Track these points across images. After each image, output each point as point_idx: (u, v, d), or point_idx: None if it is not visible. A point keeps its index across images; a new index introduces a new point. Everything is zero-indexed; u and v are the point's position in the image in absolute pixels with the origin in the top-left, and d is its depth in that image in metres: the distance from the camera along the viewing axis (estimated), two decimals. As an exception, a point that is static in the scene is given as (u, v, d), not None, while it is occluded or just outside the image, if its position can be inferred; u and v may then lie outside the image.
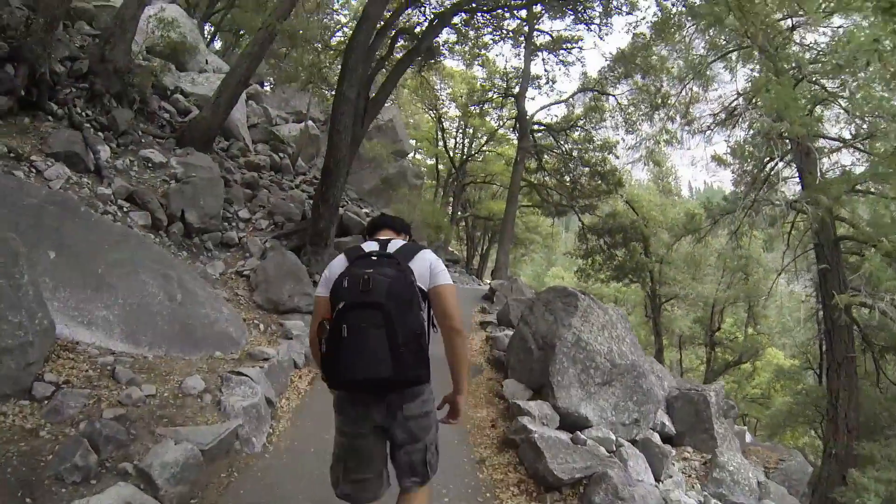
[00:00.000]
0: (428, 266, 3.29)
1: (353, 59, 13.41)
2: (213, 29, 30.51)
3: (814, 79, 16.85)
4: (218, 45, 31.86)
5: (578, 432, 7.18)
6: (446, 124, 39.32)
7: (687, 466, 7.98)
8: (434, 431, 3.43)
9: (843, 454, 14.30)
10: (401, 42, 18.89)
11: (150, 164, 12.00)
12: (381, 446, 3.32)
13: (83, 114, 11.42)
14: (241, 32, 27.35)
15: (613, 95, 26.96)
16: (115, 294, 7.05)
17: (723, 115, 21.71)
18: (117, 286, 7.15)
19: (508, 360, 9.61)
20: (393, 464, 3.38)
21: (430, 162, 44.19)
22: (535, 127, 29.50)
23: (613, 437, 7.32)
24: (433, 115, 38.66)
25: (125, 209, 10.12)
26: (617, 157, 28.53)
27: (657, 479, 7.04)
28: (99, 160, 10.40)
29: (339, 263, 3.34)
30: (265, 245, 12.28)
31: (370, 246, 3.41)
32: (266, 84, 29.58)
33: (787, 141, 17.28)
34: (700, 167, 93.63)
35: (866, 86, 13.88)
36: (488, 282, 44.05)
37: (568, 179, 30.29)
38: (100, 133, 11.44)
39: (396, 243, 3.43)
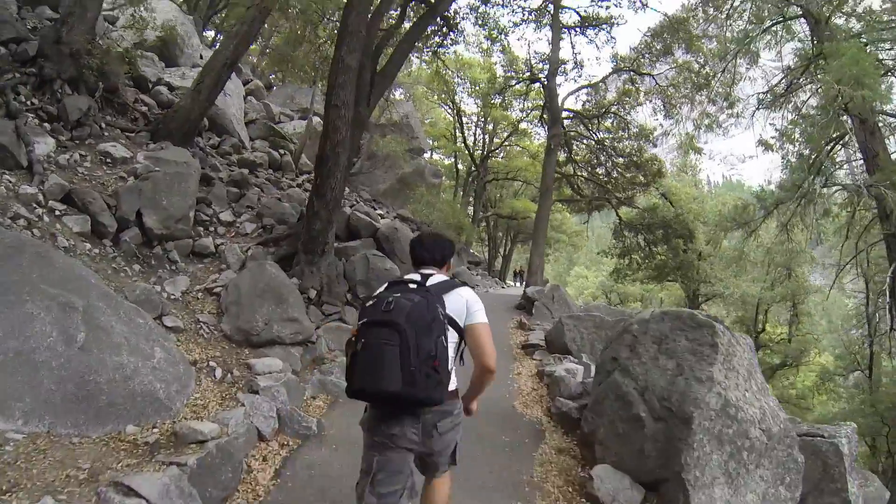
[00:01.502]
0: (465, 303, 3.45)
1: (353, 19, 10.74)
2: (214, 33, 28.78)
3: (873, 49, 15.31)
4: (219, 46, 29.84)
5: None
6: (465, 120, 37.36)
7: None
8: (460, 433, 3.63)
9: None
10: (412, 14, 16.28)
11: (108, 160, 10.06)
12: (410, 459, 3.36)
13: (28, 102, 9.70)
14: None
15: (651, 76, 24.11)
16: (-23, 335, 4.82)
17: (769, 97, 20.12)
18: (-16, 323, 4.93)
19: (595, 430, 6.31)
20: (423, 466, 3.53)
21: (449, 161, 42.31)
22: (564, 114, 26.00)
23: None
24: (451, 110, 36.69)
25: (58, 212, 8.04)
26: (655, 146, 25.89)
27: None
28: (32, 154, 8.50)
29: (380, 288, 3.45)
30: (247, 254, 10.05)
31: (412, 276, 3.57)
32: (273, 87, 27.50)
33: (848, 120, 15.66)
34: (718, 161, 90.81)
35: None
36: (511, 283, 43.48)
37: (601, 171, 27.67)
38: (45, 124, 9.69)
39: (437, 278, 3.58)
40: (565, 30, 24.81)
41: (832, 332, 33.54)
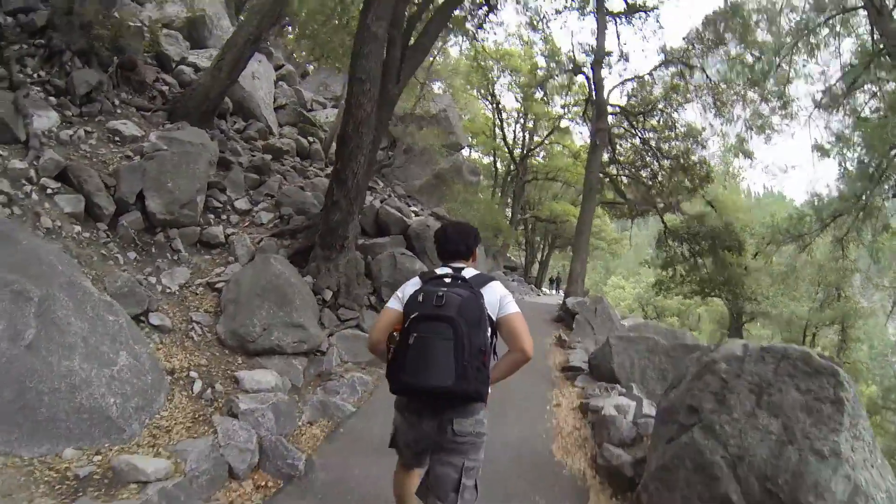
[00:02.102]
0: (498, 297, 3.40)
1: (382, -18, 9.61)
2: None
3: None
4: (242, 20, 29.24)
5: None
6: (504, 116, 36.52)
7: None
8: (478, 457, 3.42)
9: None
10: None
11: (117, 138, 9.32)
12: (427, 450, 3.41)
13: (35, 74, 9.15)
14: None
15: (702, 69, 22.38)
16: None
17: (825, 98, 19.03)
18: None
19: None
20: (428, 479, 3.45)
21: (487, 160, 41.36)
22: (609, 109, 23.98)
23: None
24: (490, 104, 35.74)
25: (50, 190, 7.32)
26: (703, 148, 24.23)
27: None
28: (30, 127, 7.88)
29: (412, 282, 3.51)
30: (259, 246, 9.17)
31: (443, 270, 3.54)
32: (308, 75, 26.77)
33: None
34: (760, 169, 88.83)
35: None
36: (548, 291, 42.53)
37: (645, 174, 25.81)
38: (52, 98, 9.05)
39: (470, 271, 3.54)
40: (610, 17, 23.21)
41: (872, 358, 32.59)
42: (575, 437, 6.69)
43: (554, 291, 42.77)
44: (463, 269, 3.53)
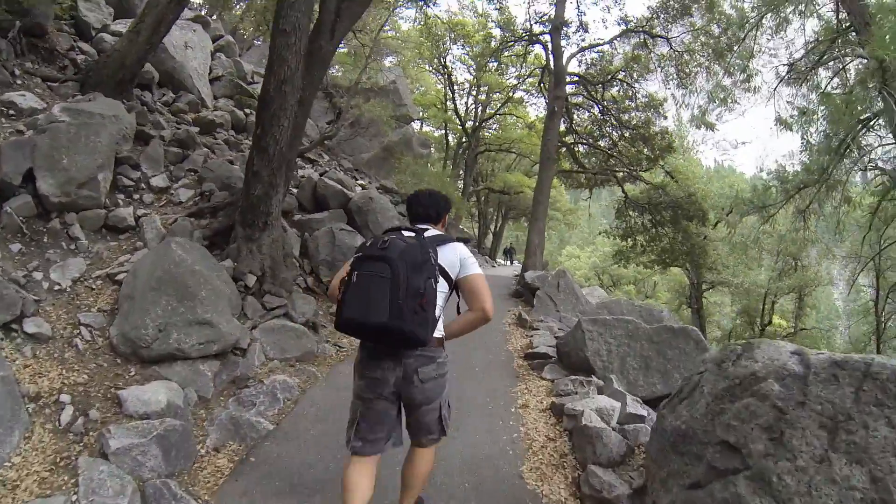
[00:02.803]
0: (458, 256, 3.49)
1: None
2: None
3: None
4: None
5: None
6: (456, 89, 35.48)
7: None
8: (446, 390, 3.59)
9: None
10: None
11: (11, 112, 8.16)
12: (394, 410, 3.47)
13: None
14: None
15: (667, 38, 21.37)
16: None
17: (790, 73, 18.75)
18: None
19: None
20: (408, 425, 3.58)
21: (439, 133, 40.36)
22: (567, 78, 22.78)
23: None
24: (442, 77, 34.72)
25: None
26: (665, 118, 23.40)
27: None
28: None
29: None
30: (170, 227, 8.06)
31: (408, 227, 3.59)
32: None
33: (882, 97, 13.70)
34: (710, 145, 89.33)
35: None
36: (502, 261, 42.11)
37: (604, 144, 24.95)
38: None
39: (433, 232, 3.63)
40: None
41: (818, 322, 33.33)
42: (549, 453, 5.36)
43: (508, 262, 42.89)
44: (427, 230, 3.61)
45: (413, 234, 3.41)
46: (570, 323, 11.38)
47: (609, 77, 22.86)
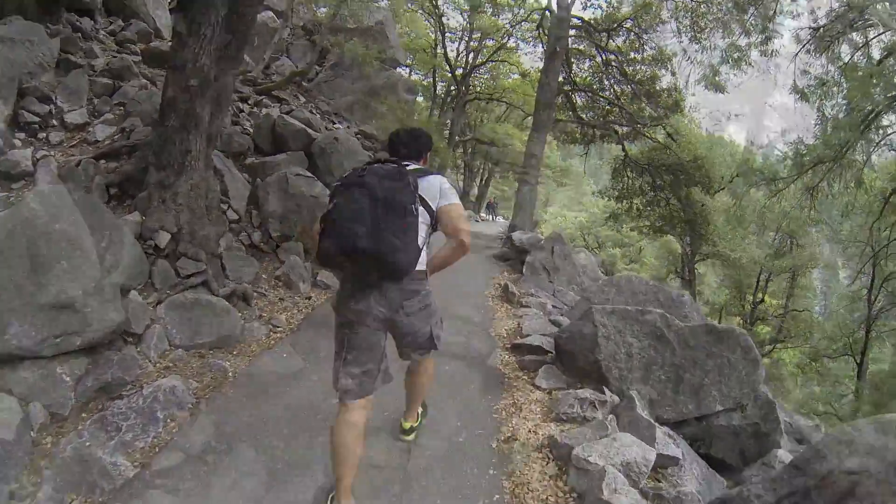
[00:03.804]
0: (438, 186, 3.44)
1: None
2: None
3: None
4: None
5: None
6: (447, 33, 33.56)
7: None
8: (436, 313, 3.65)
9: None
10: None
11: None
12: (381, 338, 3.40)
13: None
14: None
15: None
16: None
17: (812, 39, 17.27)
18: None
19: None
20: (400, 350, 3.67)
21: (427, 81, 38.32)
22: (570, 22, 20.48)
23: None
24: (433, 20, 32.69)
25: None
26: (674, 75, 21.04)
27: None
28: None
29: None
30: (73, 173, 6.21)
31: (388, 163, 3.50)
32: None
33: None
34: (703, 115, 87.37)
35: None
36: (486, 216, 40.76)
37: (605, 97, 22.63)
38: None
39: (414, 166, 3.56)
40: None
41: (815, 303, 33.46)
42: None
43: (491, 217, 41.88)
44: (408, 165, 3.49)
45: (393, 163, 3.35)
46: (566, 299, 9.71)
47: (615, 25, 20.78)
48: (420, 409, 4.45)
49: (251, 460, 3.76)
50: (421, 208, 3.28)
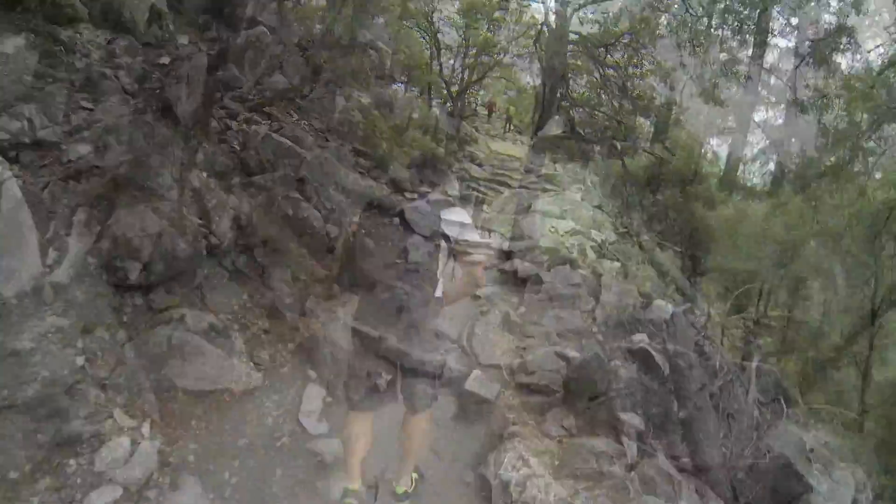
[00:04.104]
0: (459, 220, 3.56)
1: None
2: None
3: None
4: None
5: None
6: (442, 50, 33.86)
7: None
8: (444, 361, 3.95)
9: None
10: None
11: None
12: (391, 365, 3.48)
13: None
14: None
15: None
16: None
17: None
18: None
19: None
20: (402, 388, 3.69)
21: (423, 97, 38.74)
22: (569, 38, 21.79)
23: None
24: (428, 37, 33.00)
25: None
26: (672, 89, 21.40)
27: None
28: None
29: None
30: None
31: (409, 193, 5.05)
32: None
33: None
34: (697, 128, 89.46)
35: None
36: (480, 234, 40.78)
37: (601, 114, 22.86)
38: None
39: (437, 196, 3.80)
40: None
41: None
42: None
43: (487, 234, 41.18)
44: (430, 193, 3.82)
45: (417, 195, 3.67)
46: (573, 326, 9.14)
47: (613, 40, 20.81)
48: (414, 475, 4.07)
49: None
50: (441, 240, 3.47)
